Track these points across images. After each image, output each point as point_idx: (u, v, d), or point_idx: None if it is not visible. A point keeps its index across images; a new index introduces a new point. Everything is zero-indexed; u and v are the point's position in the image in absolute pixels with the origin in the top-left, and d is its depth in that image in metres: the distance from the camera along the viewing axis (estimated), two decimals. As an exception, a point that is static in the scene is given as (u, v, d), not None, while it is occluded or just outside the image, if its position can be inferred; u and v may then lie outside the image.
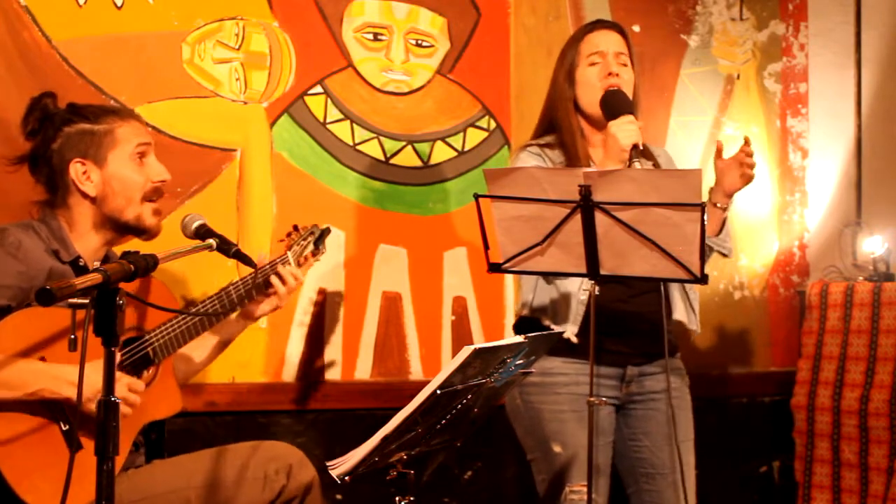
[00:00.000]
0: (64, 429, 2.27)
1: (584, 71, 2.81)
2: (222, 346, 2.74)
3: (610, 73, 2.77)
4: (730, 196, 2.81)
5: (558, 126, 2.83)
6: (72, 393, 2.18)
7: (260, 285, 2.63)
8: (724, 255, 2.92)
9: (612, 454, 2.84)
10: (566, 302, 2.75)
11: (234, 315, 2.68)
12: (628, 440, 2.85)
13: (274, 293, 2.67)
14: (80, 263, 2.45)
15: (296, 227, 2.82)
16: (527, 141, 2.88)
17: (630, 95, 2.78)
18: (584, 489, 2.39)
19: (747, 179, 2.77)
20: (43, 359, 2.26)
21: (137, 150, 2.51)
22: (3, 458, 2.19)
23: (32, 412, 2.25)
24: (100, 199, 2.48)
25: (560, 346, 2.69)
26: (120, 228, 2.52)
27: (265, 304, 2.69)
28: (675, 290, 2.83)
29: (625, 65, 2.81)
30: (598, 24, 2.89)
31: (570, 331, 2.72)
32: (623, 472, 2.89)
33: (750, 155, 2.74)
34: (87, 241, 2.50)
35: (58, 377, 2.22)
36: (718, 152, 2.79)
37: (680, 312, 2.83)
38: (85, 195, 2.48)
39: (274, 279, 2.65)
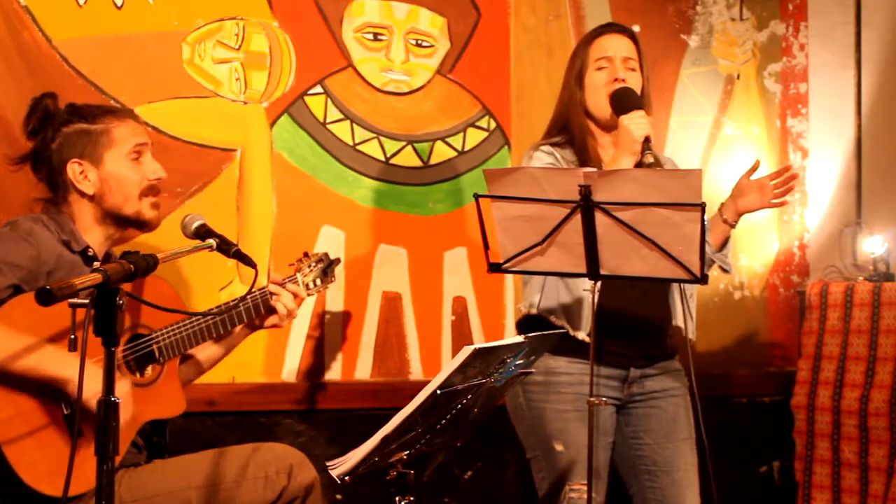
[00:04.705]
0: (65, 412, 2.29)
1: (591, 75, 2.83)
2: (226, 351, 2.76)
3: (616, 80, 2.78)
4: (741, 214, 2.85)
5: (570, 127, 2.85)
6: (71, 373, 2.19)
7: (268, 303, 2.64)
8: (725, 271, 2.98)
9: (612, 455, 2.85)
10: (578, 303, 2.76)
11: (238, 327, 2.69)
12: (629, 439, 2.85)
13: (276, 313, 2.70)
14: (90, 253, 2.49)
15: (306, 254, 2.83)
16: (539, 140, 2.89)
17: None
18: (584, 488, 2.40)
19: (764, 206, 2.86)
20: None
21: (134, 150, 2.54)
22: (3, 434, 2.21)
23: (36, 392, 2.27)
24: (98, 197, 2.52)
25: (566, 347, 2.70)
26: (121, 222, 2.56)
27: (270, 319, 2.71)
28: (675, 297, 2.85)
29: (633, 69, 2.82)
30: (608, 28, 2.89)
31: (583, 331, 2.73)
32: (624, 473, 2.89)
33: (780, 185, 2.81)
34: (91, 236, 2.53)
35: (60, 359, 2.24)
36: (753, 169, 2.83)
37: (678, 318, 2.85)
38: (83, 194, 2.52)
39: (277, 305, 2.65)
